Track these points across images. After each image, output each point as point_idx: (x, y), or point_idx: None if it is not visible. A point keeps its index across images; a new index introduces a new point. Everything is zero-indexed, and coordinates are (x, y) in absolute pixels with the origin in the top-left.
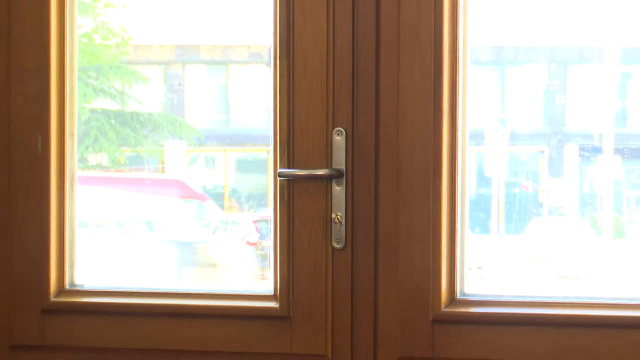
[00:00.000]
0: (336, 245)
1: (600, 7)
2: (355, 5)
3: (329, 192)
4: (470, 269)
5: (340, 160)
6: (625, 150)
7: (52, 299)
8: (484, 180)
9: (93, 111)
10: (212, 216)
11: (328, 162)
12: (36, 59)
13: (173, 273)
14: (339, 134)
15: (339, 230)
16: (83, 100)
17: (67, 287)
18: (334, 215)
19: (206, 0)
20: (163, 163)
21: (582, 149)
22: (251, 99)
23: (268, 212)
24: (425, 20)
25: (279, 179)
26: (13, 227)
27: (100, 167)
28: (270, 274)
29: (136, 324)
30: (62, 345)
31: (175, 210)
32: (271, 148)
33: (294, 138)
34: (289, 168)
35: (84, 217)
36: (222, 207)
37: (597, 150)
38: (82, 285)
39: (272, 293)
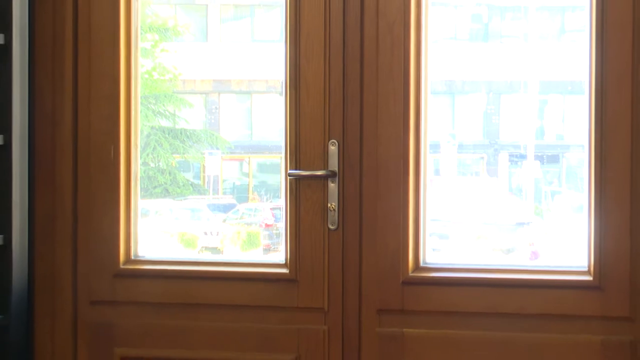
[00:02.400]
0: (331, 227)
1: (523, 52)
2: (345, 50)
3: (325, 187)
4: (430, 243)
5: (333, 163)
6: (544, 156)
7: (121, 266)
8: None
9: (152, 128)
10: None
11: (325, 165)
12: (109, 89)
13: None
14: (333, 144)
15: (333, 216)
16: (144, 119)
17: (132, 257)
18: (329, 205)
19: (235, 47)
20: (203, 167)
21: (512, 155)
22: (268, 119)
23: (281, 202)
24: (396, 61)
25: (288, 177)
26: (92, 214)
27: (157, 169)
28: (282, 247)
29: (183, 285)
30: (128, 300)
31: None
32: (283, 155)
33: (300, 147)
34: (296, 169)
35: None
36: (247, 198)
37: (522, 157)
38: (143, 256)
39: (284, 262)
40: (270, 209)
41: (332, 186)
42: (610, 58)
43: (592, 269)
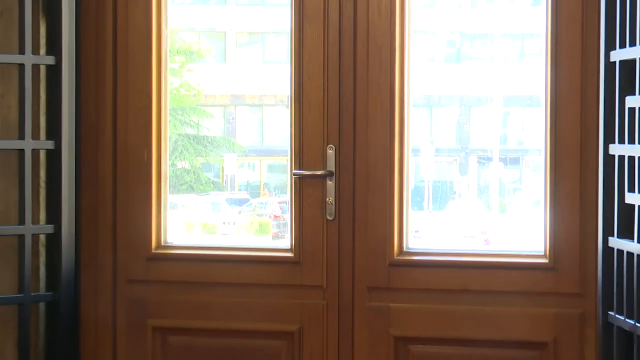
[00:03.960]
0: (329, 218)
1: (490, 72)
2: (341, 70)
3: (324, 185)
4: (412, 232)
5: (331, 165)
6: (507, 159)
7: (153, 251)
8: (420, 177)
9: (179, 135)
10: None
11: (324, 166)
12: (144, 103)
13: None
14: (331, 149)
15: (331, 209)
16: (173, 128)
17: (163, 243)
18: (327, 199)
19: (249, 67)
20: (222, 168)
21: (480, 158)
22: (277, 127)
23: (287, 197)
24: (384, 78)
25: (294, 177)
26: (129, 207)
27: (183, 169)
28: (288, 235)
29: (205, 267)
30: (159, 280)
31: None
32: (289, 157)
33: (303, 151)
34: (300, 170)
35: None
36: (259, 194)
37: (489, 159)
38: (172, 243)
39: (289, 247)
40: (278, 203)
41: (330, 184)
42: (563, 77)
43: (548, 253)
